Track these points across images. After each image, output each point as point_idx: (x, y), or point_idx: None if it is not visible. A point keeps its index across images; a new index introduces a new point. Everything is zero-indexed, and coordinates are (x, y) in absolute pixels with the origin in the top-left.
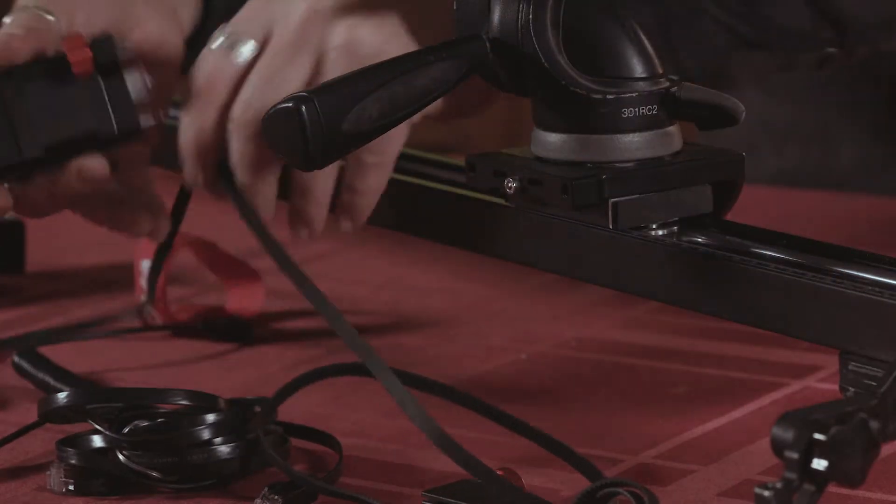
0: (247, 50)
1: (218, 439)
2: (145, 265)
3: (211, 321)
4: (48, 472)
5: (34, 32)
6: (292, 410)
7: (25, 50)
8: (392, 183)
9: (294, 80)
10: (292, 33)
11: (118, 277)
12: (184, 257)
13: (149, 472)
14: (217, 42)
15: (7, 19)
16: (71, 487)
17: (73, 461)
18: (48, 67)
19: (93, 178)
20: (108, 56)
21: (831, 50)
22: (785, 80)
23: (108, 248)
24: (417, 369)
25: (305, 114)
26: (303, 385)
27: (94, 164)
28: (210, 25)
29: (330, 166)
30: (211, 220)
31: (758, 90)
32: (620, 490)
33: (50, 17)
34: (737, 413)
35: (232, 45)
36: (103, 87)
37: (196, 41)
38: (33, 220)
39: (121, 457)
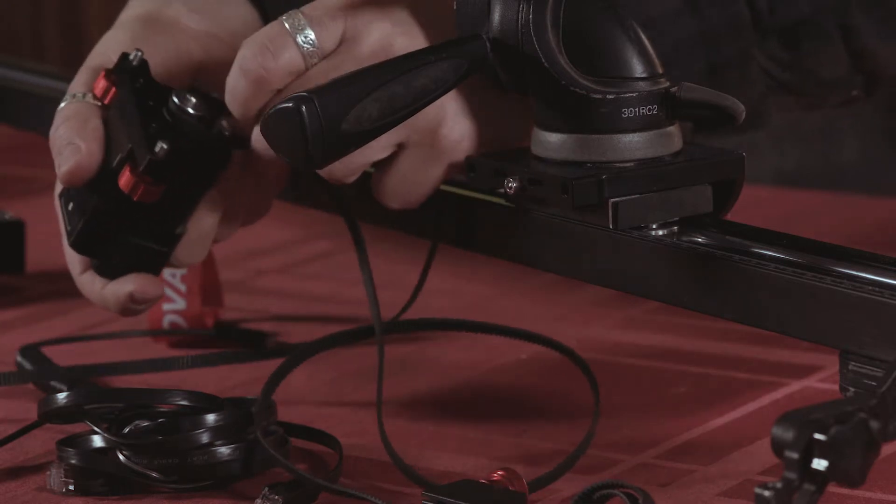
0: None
1: (218, 440)
2: (167, 273)
3: (226, 329)
4: (48, 472)
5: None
6: (292, 410)
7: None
8: None
9: None
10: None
11: None
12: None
13: (149, 472)
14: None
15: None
16: (71, 487)
17: (73, 461)
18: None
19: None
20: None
21: (855, 93)
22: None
23: None
24: (417, 369)
25: (305, 114)
26: (294, 366)
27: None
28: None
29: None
30: None
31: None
32: (616, 491)
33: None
34: (737, 413)
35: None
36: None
37: None
38: (33, 220)
39: (121, 457)
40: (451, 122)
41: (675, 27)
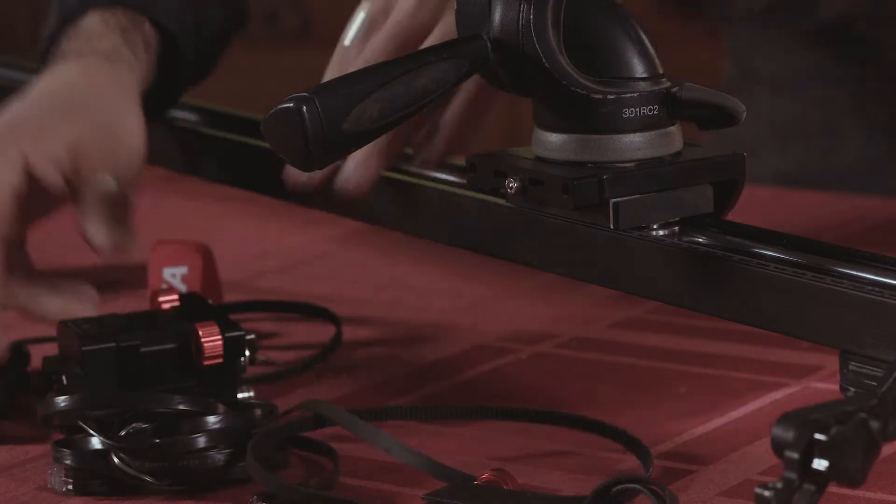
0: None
1: (214, 444)
2: (168, 273)
3: None
4: (48, 472)
5: None
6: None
7: None
8: (392, 182)
9: None
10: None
11: (118, 278)
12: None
13: (142, 476)
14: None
15: None
16: (70, 487)
17: (67, 462)
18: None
19: None
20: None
21: None
22: (787, 79)
23: None
24: (416, 369)
25: (306, 114)
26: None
27: None
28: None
29: None
30: (210, 223)
31: (761, 90)
32: (639, 487)
33: None
34: (737, 413)
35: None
36: None
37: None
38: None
39: (116, 460)
40: None
41: None
